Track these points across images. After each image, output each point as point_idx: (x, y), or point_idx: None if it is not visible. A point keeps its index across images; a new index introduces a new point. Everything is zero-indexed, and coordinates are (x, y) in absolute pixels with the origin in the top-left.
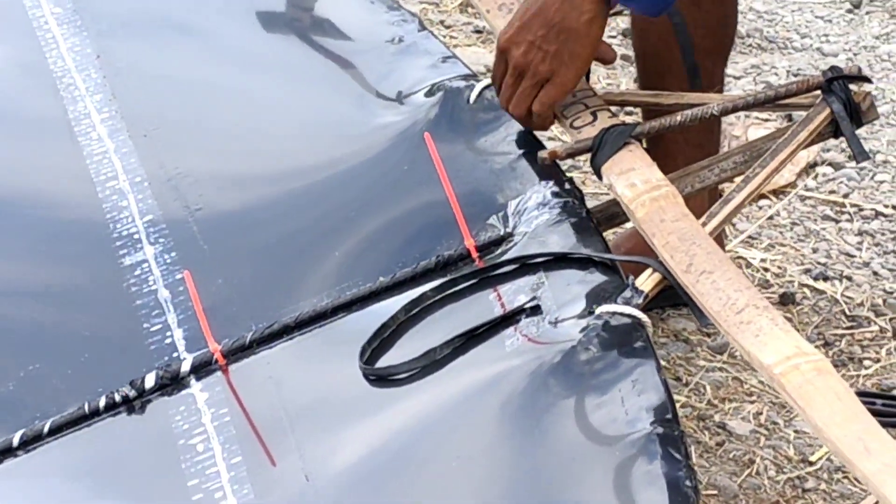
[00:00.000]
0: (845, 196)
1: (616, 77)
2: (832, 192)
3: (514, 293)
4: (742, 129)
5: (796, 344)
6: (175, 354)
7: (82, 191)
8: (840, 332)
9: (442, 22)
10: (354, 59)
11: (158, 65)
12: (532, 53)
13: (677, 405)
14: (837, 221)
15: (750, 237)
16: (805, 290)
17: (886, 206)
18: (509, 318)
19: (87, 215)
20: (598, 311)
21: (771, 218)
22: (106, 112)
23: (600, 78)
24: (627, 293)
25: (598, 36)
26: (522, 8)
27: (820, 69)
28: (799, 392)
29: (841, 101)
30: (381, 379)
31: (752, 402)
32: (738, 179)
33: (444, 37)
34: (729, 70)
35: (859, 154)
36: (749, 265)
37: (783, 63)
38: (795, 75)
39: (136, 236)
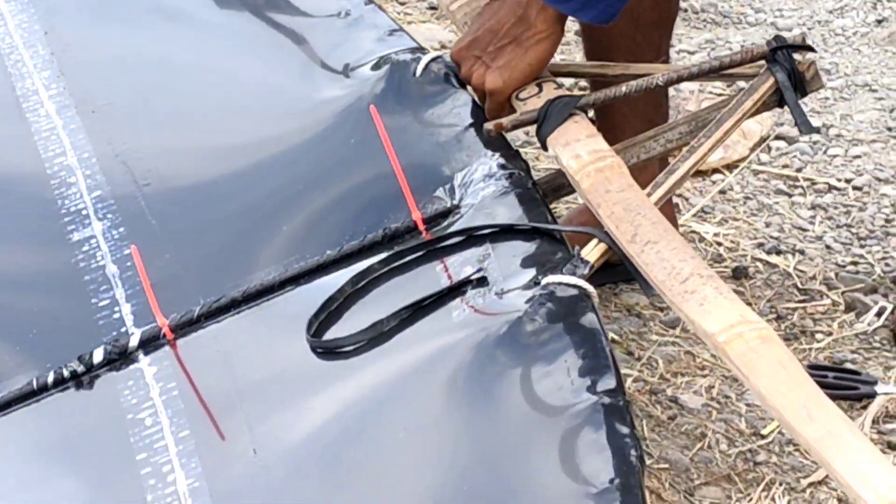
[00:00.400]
0: (798, 170)
1: (570, 53)
2: (785, 166)
3: (461, 265)
4: (696, 104)
5: (740, 312)
6: (123, 329)
7: (30, 167)
8: (792, 305)
9: None
10: (301, 34)
11: (106, 41)
12: (476, 68)
13: (629, 379)
14: (790, 195)
15: (703, 211)
16: (758, 263)
17: (839, 181)
18: (456, 290)
19: (36, 191)
20: (543, 281)
21: (724, 192)
22: (54, 88)
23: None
24: (573, 264)
25: (546, 54)
26: (478, 22)
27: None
28: (743, 360)
29: (785, 70)
30: (329, 351)
31: (704, 377)
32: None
33: (399, 13)
34: (683, 45)
35: (802, 124)
36: (702, 239)
37: (737, 38)
38: None
39: (84, 212)
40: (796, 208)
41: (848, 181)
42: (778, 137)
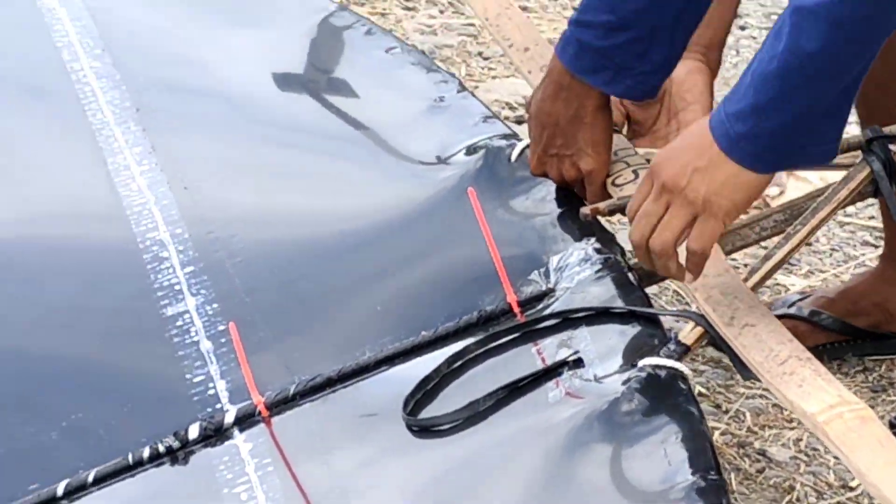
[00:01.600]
0: None
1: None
2: (871, 217)
3: (557, 347)
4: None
5: (839, 393)
6: (218, 406)
7: (123, 242)
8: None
9: (480, 53)
10: (399, 118)
11: (197, 118)
12: (562, 164)
13: (717, 433)
14: (877, 247)
15: (788, 263)
16: None
17: None
18: (552, 371)
19: (129, 266)
20: (640, 364)
21: (809, 244)
22: (146, 164)
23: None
24: (670, 347)
25: (609, 120)
26: (535, 130)
27: None
28: (842, 439)
29: (881, 160)
30: (425, 430)
31: (791, 429)
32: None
33: (483, 68)
34: None
35: None
36: (787, 291)
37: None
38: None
39: (177, 287)
40: None
41: None
42: None
